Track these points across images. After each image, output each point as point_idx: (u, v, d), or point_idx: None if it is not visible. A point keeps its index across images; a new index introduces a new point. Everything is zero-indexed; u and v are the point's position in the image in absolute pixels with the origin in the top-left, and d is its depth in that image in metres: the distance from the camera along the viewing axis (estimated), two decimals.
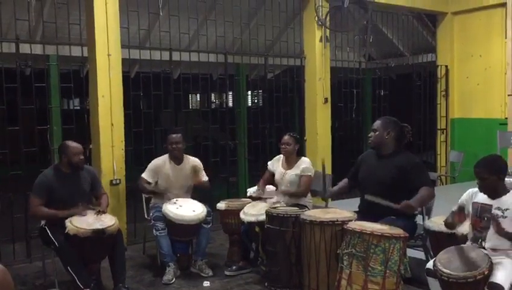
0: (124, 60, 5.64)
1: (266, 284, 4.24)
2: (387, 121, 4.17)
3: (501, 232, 3.23)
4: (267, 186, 5.04)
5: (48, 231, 4.11)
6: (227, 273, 4.71)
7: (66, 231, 3.90)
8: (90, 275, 4.07)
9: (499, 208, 3.30)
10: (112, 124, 5.39)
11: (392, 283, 3.35)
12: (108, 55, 5.34)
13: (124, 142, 5.52)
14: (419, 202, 3.80)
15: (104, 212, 4.19)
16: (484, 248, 3.32)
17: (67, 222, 3.95)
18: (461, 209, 3.51)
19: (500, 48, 7.75)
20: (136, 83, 6.29)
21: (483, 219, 3.34)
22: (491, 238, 3.30)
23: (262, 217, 4.25)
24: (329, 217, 3.77)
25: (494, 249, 3.29)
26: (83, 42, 5.72)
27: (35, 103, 5.44)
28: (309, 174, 4.72)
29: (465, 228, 3.62)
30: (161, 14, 6.38)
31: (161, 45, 6.32)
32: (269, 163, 5.04)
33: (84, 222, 3.98)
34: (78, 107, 9.43)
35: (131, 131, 5.97)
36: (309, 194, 4.77)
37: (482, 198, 3.40)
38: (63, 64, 6.09)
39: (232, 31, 6.97)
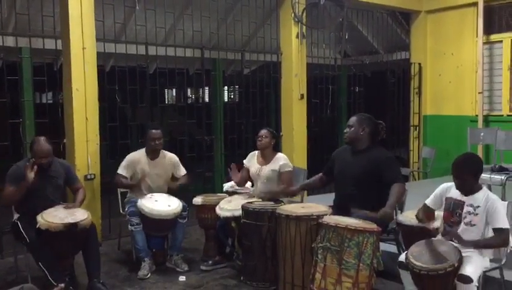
0: (99, 54, 5.57)
1: (242, 278, 4.26)
2: (362, 117, 4.24)
3: (466, 243, 3.32)
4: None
5: (20, 226, 4.05)
6: (203, 268, 4.72)
7: (38, 225, 3.86)
8: (63, 270, 4.03)
9: (471, 205, 3.39)
10: (87, 118, 5.33)
11: (365, 276, 3.41)
12: (83, 48, 5.26)
13: (98, 136, 5.47)
14: (393, 204, 3.84)
15: (72, 207, 4.15)
16: (454, 242, 3.41)
17: (39, 217, 3.91)
18: (428, 209, 3.61)
19: (472, 46, 7.94)
20: (112, 77, 6.22)
21: (455, 214, 3.43)
22: (462, 233, 3.39)
23: (238, 212, 4.27)
24: (305, 211, 3.81)
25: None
26: (56, 35, 5.63)
27: (8, 97, 5.33)
28: (289, 169, 4.77)
29: (436, 222, 3.72)
30: (137, 7, 6.32)
31: (137, 39, 6.26)
32: (245, 161, 5.07)
33: (56, 217, 3.95)
34: (51, 101, 9.26)
35: (106, 125, 5.92)
36: None
37: (456, 194, 3.49)
38: (36, 57, 5.98)
39: (209, 26, 6.95)
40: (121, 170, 4.94)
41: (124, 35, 6.48)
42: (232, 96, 12.38)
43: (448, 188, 3.57)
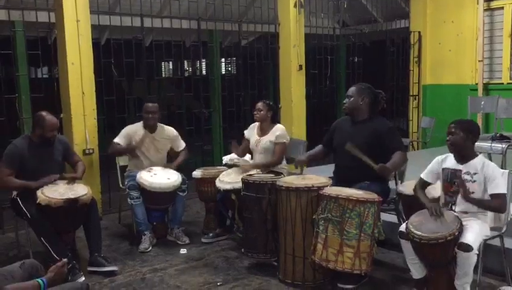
0: (93, 26, 5.48)
1: (243, 250, 4.27)
2: (362, 87, 4.18)
3: (467, 197, 3.32)
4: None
5: (20, 202, 4.04)
6: (204, 240, 4.74)
7: (38, 201, 3.85)
8: (65, 245, 4.04)
9: (468, 173, 3.38)
10: (83, 93, 5.28)
11: (367, 246, 3.43)
12: (77, 21, 5.18)
13: (95, 110, 5.43)
14: (394, 165, 3.85)
15: (76, 178, 4.17)
16: (454, 211, 3.41)
17: (39, 193, 3.89)
18: (424, 183, 3.59)
19: (472, 14, 7.81)
20: (107, 50, 6.13)
21: (453, 183, 3.42)
22: (462, 202, 3.39)
23: (238, 185, 4.25)
24: (305, 183, 3.80)
25: (464, 212, 3.38)
26: (49, 7, 5.51)
27: (2, 71, 5.25)
28: (283, 141, 4.71)
29: (436, 191, 3.71)
30: None
31: (132, 11, 6.15)
32: (245, 132, 5.03)
33: (56, 192, 3.93)
34: (47, 76, 9.17)
35: (103, 99, 5.86)
36: (284, 161, 4.78)
37: (452, 163, 3.47)
38: (30, 30, 5.87)
39: None
40: (117, 139, 4.92)
41: (119, 6, 6.36)
42: (229, 69, 12.26)
43: (443, 159, 3.54)
